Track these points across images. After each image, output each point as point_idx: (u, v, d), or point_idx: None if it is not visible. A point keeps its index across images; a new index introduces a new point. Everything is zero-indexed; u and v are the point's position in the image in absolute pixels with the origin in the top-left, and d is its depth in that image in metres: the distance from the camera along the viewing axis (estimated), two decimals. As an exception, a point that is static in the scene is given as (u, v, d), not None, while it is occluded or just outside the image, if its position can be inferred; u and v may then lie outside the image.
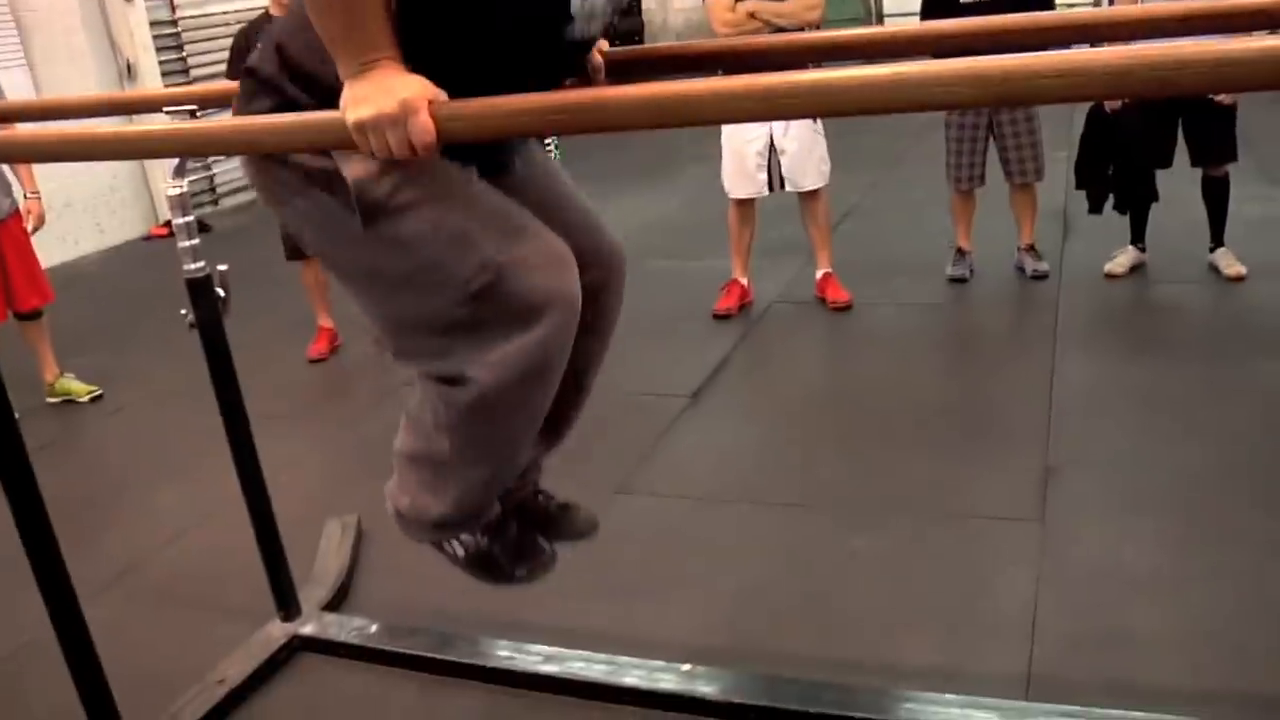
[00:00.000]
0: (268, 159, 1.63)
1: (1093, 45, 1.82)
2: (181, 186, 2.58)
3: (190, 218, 2.62)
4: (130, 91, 7.44)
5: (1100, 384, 4.06)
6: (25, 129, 3.76)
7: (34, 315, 4.82)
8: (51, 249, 7.26)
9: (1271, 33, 1.89)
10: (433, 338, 1.63)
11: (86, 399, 4.91)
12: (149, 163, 8.71)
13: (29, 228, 4.78)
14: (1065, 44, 1.91)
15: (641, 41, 16.09)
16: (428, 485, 1.78)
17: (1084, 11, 1.76)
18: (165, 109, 2.56)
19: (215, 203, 9.40)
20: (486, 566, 1.88)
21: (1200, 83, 1.21)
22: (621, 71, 1.89)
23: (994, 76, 1.20)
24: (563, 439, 1.97)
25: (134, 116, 4.82)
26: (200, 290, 2.60)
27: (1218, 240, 5.07)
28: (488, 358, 1.58)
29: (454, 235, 1.56)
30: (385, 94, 1.41)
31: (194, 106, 2.49)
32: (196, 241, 2.61)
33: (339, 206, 1.57)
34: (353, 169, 1.54)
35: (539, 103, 1.34)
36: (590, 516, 2.06)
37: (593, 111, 1.31)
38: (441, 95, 1.43)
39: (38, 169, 4.73)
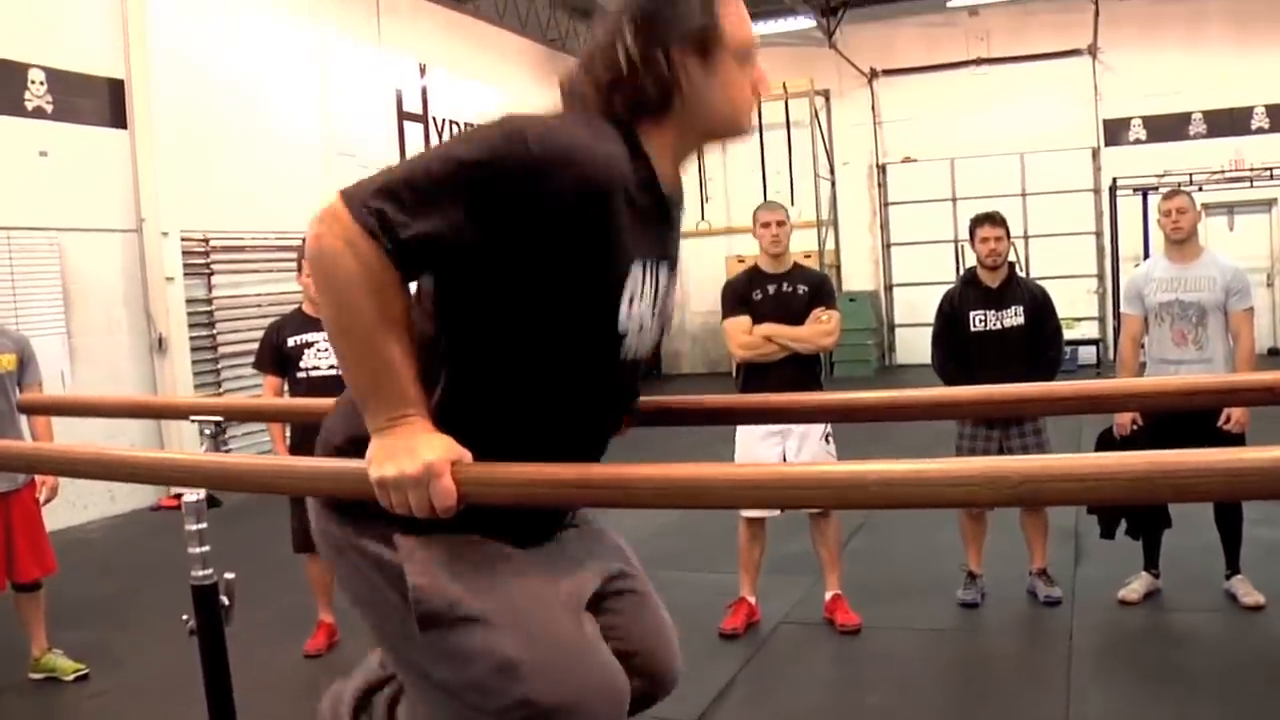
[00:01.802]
0: (341, 529, 1.67)
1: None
2: (199, 494, 2.59)
3: (204, 524, 2.62)
4: (159, 398, 7.62)
5: (1118, 723, 3.93)
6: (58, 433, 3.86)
7: (33, 587, 4.74)
8: (60, 513, 7.26)
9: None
10: None
11: (71, 678, 4.74)
12: (166, 434, 8.85)
13: (41, 498, 4.76)
14: (1077, 413, 1.96)
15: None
16: None
17: (1094, 383, 1.81)
18: (192, 418, 2.61)
19: (228, 476, 9.46)
20: None
21: (1217, 492, 1.23)
22: (646, 418, 1.94)
23: (1011, 478, 1.22)
24: None
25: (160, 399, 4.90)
26: (205, 599, 2.57)
27: (1233, 567, 5.02)
28: None
29: (503, 663, 1.56)
30: (409, 453, 1.44)
31: (219, 418, 2.54)
32: (206, 550, 2.60)
33: (398, 601, 1.59)
34: (415, 575, 1.57)
35: (559, 475, 1.36)
36: None
37: (612, 488, 1.33)
38: (466, 456, 1.45)
39: (57, 433, 4.76)
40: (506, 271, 1.53)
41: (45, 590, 4.82)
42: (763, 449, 4.82)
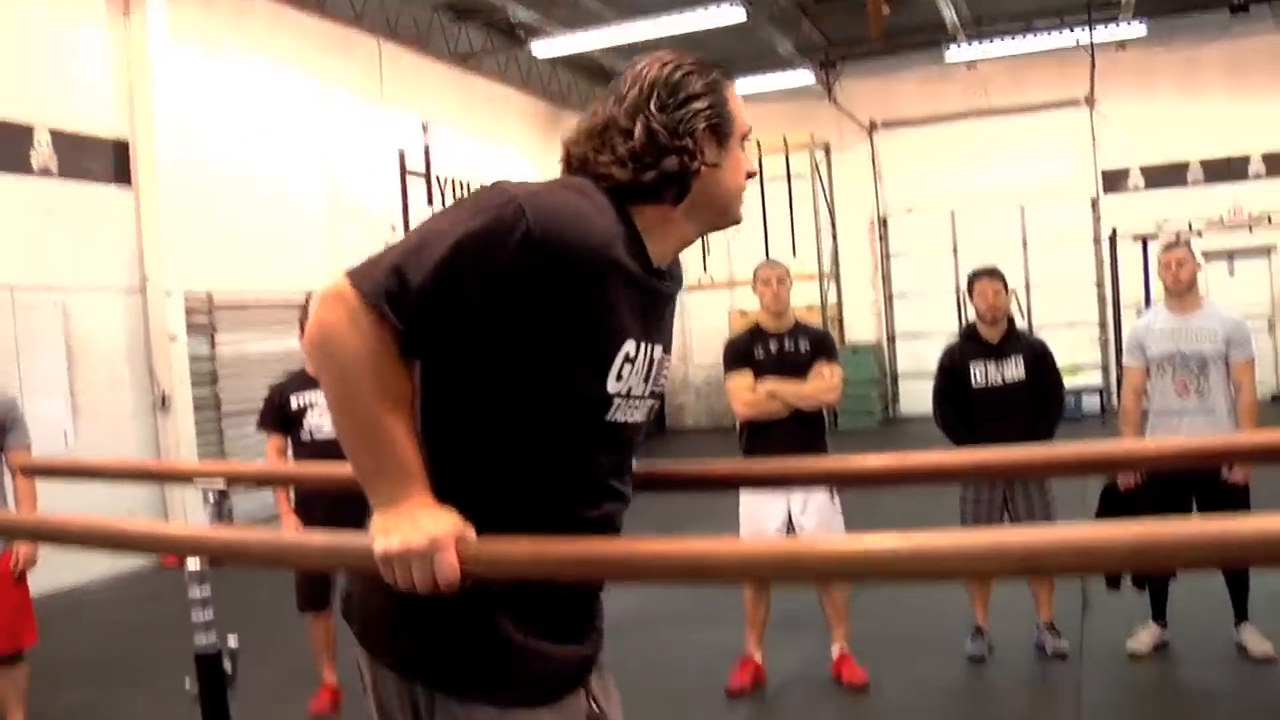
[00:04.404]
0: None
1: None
2: (200, 563, 2.58)
3: (206, 592, 2.61)
4: (163, 462, 7.62)
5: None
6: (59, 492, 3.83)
7: (11, 660, 4.50)
8: (61, 572, 7.25)
9: None
10: None
11: None
12: (169, 492, 8.84)
13: (17, 568, 4.46)
14: (1078, 474, 1.96)
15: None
16: None
17: (1096, 445, 1.81)
18: (195, 480, 2.62)
19: (231, 533, 9.44)
20: None
21: (1213, 560, 1.23)
22: (644, 483, 1.93)
23: (1016, 551, 1.22)
24: None
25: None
26: (209, 667, 2.56)
27: (1241, 615, 4.98)
28: None
29: None
30: (414, 528, 1.44)
31: (223, 487, 2.54)
32: (210, 616, 2.59)
33: None
34: None
35: (566, 551, 1.36)
36: None
37: (615, 565, 1.33)
38: (470, 533, 1.45)
39: (59, 492, 4.57)
40: (501, 337, 1.53)
41: (34, 657, 4.62)
42: (768, 507, 4.80)
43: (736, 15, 12.26)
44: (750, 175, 1.74)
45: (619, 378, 1.61)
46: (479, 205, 1.52)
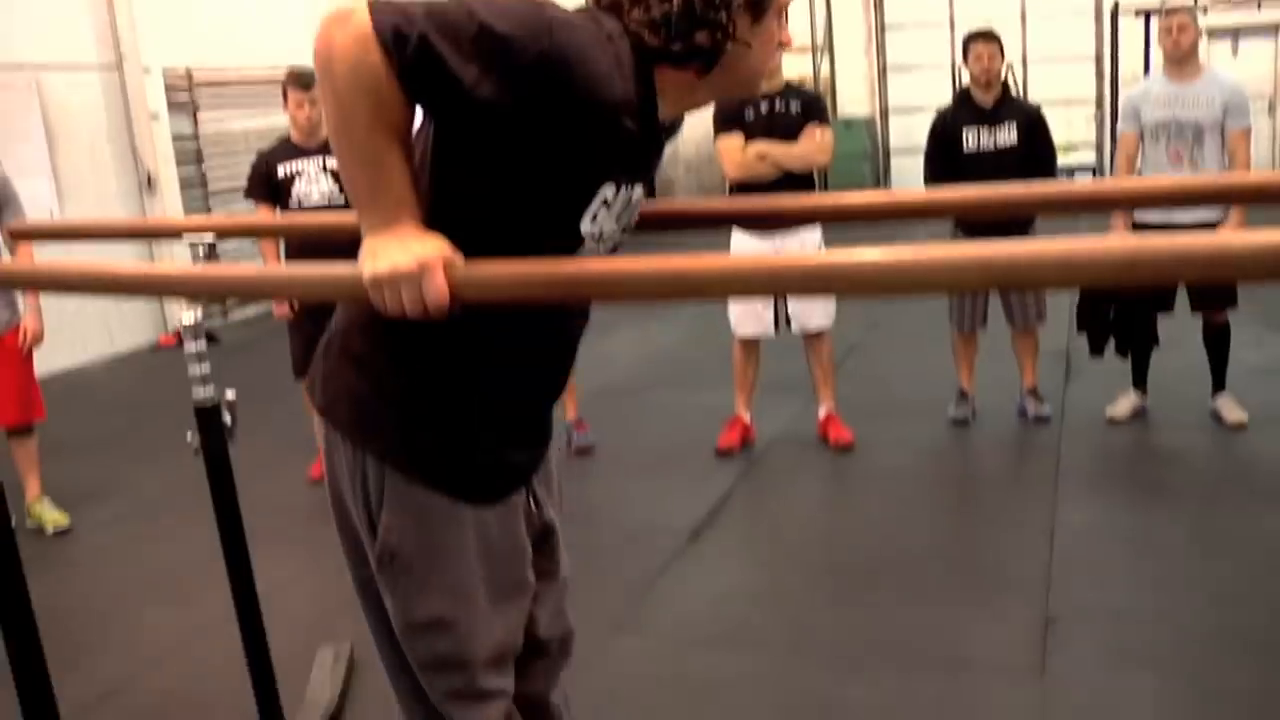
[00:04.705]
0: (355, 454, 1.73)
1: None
2: (196, 315, 2.61)
3: (202, 344, 2.65)
4: (151, 219, 7.54)
5: (1101, 533, 4.04)
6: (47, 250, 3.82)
7: (22, 432, 4.70)
8: (60, 353, 7.32)
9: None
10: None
11: (51, 531, 4.67)
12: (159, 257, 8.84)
13: (25, 344, 4.62)
14: (1069, 211, 1.95)
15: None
16: None
17: (1087, 184, 1.80)
18: (185, 236, 2.61)
19: (224, 314, 9.50)
20: None
21: (1201, 274, 1.24)
22: (640, 224, 1.93)
23: (1000, 264, 1.23)
24: None
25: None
26: (208, 419, 2.62)
27: (1219, 385, 5.10)
28: None
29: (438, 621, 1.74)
30: (403, 250, 1.45)
31: (212, 241, 2.53)
32: (207, 370, 2.63)
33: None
34: (388, 534, 1.71)
35: (552, 271, 1.37)
36: None
37: (605, 284, 1.34)
38: (458, 258, 1.46)
39: None
40: (490, 140, 1.52)
41: (40, 435, 4.80)
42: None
43: None
44: (783, 47, 1.68)
45: (594, 219, 1.60)
46: (515, 12, 1.48)
